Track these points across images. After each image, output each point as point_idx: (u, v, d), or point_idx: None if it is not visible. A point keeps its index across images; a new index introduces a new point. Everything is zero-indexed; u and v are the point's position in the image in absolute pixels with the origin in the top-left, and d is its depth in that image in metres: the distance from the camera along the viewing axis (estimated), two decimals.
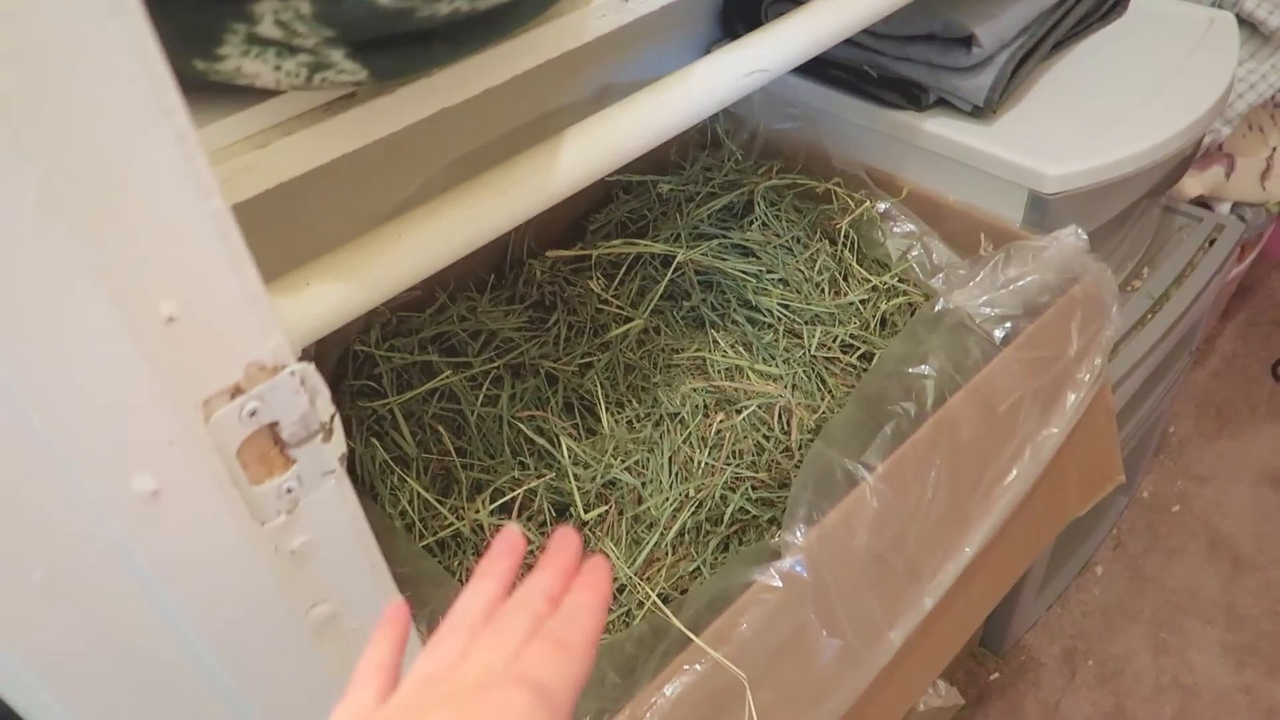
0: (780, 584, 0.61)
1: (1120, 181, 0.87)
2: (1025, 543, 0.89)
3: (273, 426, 0.32)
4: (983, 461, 0.76)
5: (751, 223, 0.90)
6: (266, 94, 0.45)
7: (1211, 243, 1.15)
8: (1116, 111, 0.91)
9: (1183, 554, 1.45)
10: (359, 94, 0.47)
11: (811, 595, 0.63)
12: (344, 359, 0.84)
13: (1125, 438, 1.24)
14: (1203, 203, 1.28)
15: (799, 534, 0.63)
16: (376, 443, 0.73)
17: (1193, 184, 1.22)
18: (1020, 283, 0.79)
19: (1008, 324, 0.78)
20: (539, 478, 0.71)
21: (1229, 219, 1.20)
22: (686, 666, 0.58)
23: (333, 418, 0.34)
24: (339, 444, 0.34)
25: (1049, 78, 0.96)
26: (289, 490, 0.33)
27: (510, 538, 0.40)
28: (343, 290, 0.47)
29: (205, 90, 0.43)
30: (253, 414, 0.31)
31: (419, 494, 0.71)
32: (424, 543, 0.69)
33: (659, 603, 0.63)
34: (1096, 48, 0.99)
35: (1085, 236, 0.80)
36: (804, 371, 0.83)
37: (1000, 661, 1.35)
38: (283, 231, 0.59)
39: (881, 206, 0.90)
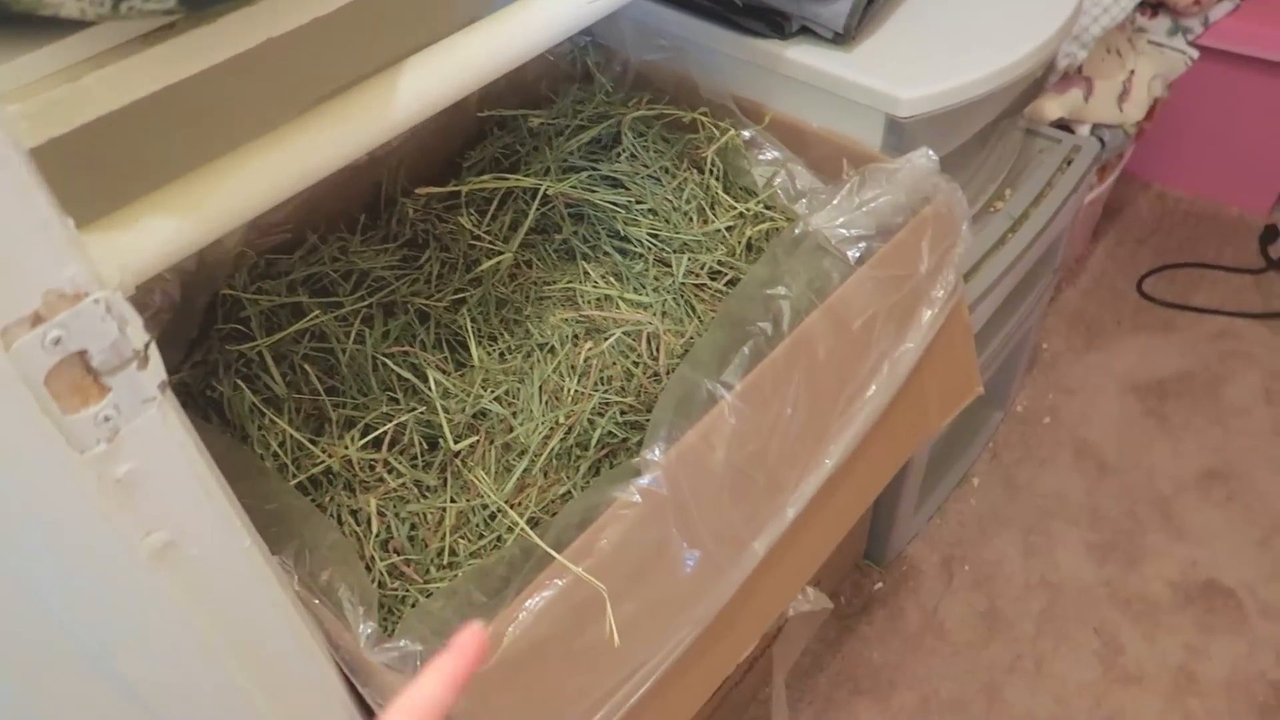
0: (639, 500, 0.64)
1: (972, 104, 0.91)
2: (889, 454, 0.94)
3: (82, 355, 0.33)
4: (840, 377, 0.80)
5: (620, 154, 0.92)
6: (83, 27, 0.44)
7: (1069, 163, 1.21)
8: (968, 37, 0.94)
9: (1052, 463, 1.54)
10: (178, 25, 0.46)
11: (671, 509, 0.66)
12: (213, 304, 0.84)
13: (995, 353, 1.30)
14: (1063, 125, 1.34)
15: (658, 452, 0.66)
16: (244, 385, 0.73)
17: (1053, 107, 1.27)
18: (874, 204, 0.82)
19: (862, 244, 0.81)
20: (410, 412, 0.72)
21: (1087, 140, 1.25)
22: (549, 582, 0.60)
23: (147, 345, 0.34)
24: (157, 371, 0.35)
25: (907, 4, 0.98)
26: (106, 418, 0.34)
27: (470, 636, 0.38)
28: (174, 225, 0.46)
29: (15, 23, 0.42)
30: (57, 342, 0.31)
31: (290, 434, 0.72)
32: (295, 481, 0.70)
33: (523, 525, 0.65)
34: None
35: (936, 158, 0.83)
36: (673, 299, 0.85)
37: (883, 572, 1.42)
38: (140, 171, 0.58)
39: (746, 134, 0.92)
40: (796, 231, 0.82)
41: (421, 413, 0.72)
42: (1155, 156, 1.93)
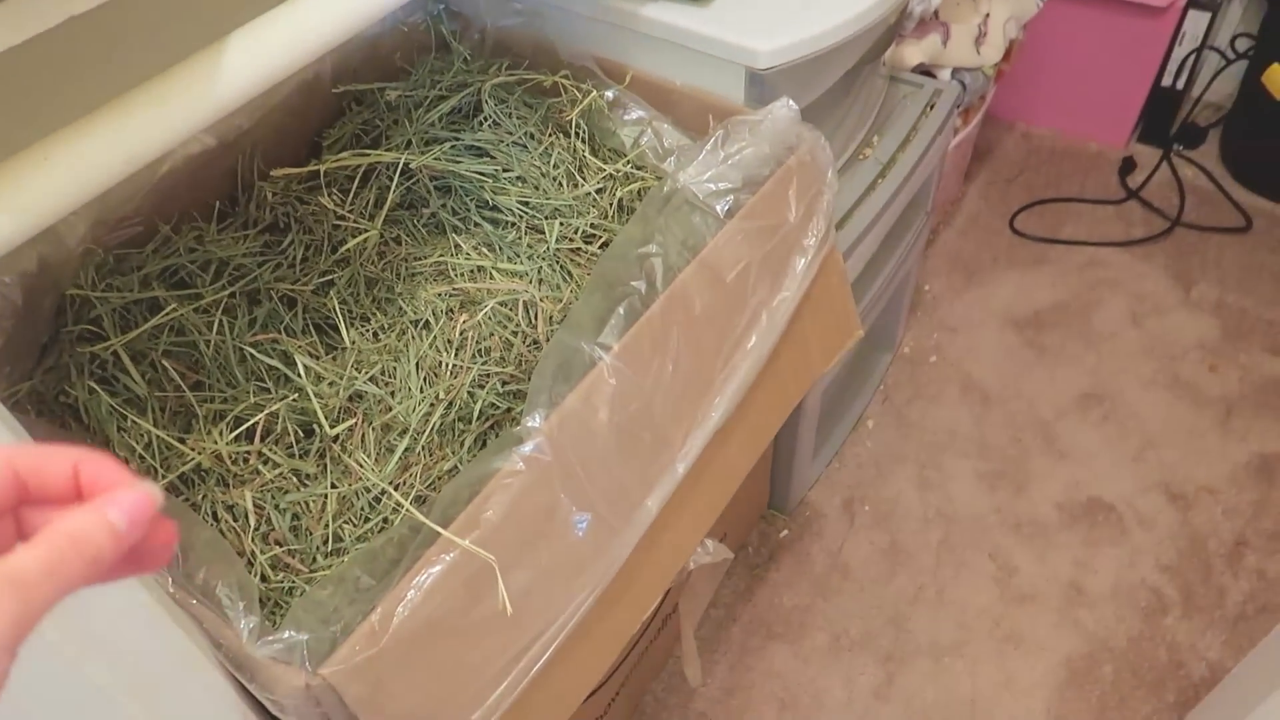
0: (523, 468, 0.63)
1: (829, 52, 0.92)
2: (776, 402, 0.95)
3: None
4: (719, 330, 0.81)
5: (482, 123, 0.90)
6: None
7: (931, 107, 1.24)
8: None
9: (940, 399, 1.59)
10: None
11: (557, 475, 0.66)
12: (61, 305, 0.79)
13: (876, 296, 1.33)
14: (924, 71, 1.37)
15: (539, 419, 0.65)
16: (99, 388, 0.70)
17: (913, 52, 1.30)
18: (739, 157, 0.83)
19: (730, 197, 0.82)
20: (281, 400, 0.70)
21: (948, 84, 1.28)
22: (437, 558, 0.59)
23: None
24: None
25: None
26: None
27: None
28: None
29: None
30: None
31: (155, 434, 0.69)
32: (165, 482, 0.67)
33: (406, 505, 0.64)
34: None
35: (796, 108, 0.84)
36: (548, 265, 0.84)
37: (788, 520, 1.45)
38: None
39: (609, 95, 0.91)
40: (665, 189, 0.82)
41: (294, 400, 0.70)
42: (1017, 97, 2.00)
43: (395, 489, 0.68)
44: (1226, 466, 1.46)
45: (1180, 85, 1.84)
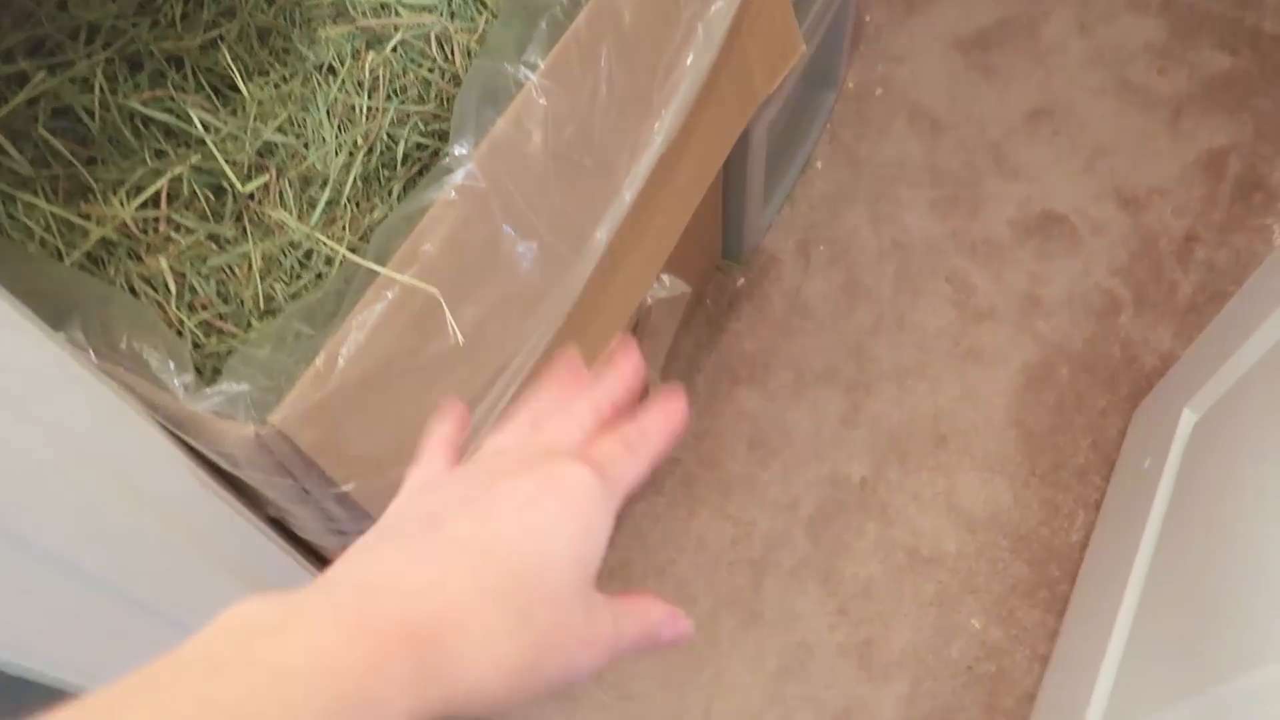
0: (456, 197, 0.59)
1: None
2: (720, 126, 0.91)
3: None
4: (654, 46, 0.75)
5: None
6: None
7: None
8: None
9: (889, 132, 1.54)
10: None
11: (495, 202, 0.61)
12: None
13: (814, 25, 1.25)
14: None
15: (466, 146, 0.60)
16: None
17: None
18: None
19: None
20: (183, 162, 0.64)
21: None
22: (377, 296, 0.56)
23: None
24: None
25: None
26: None
27: (569, 359, 0.39)
28: None
29: None
30: None
31: (52, 214, 0.63)
32: (72, 261, 0.62)
33: (338, 248, 0.60)
34: None
35: None
36: None
37: (744, 269, 1.43)
38: None
39: None
40: None
41: (198, 161, 0.64)
42: None
43: (324, 246, 0.64)
44: (1176, 166, 1.45)
45: None
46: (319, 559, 0.74)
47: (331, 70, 0.71)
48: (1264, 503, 0.72)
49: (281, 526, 0.67)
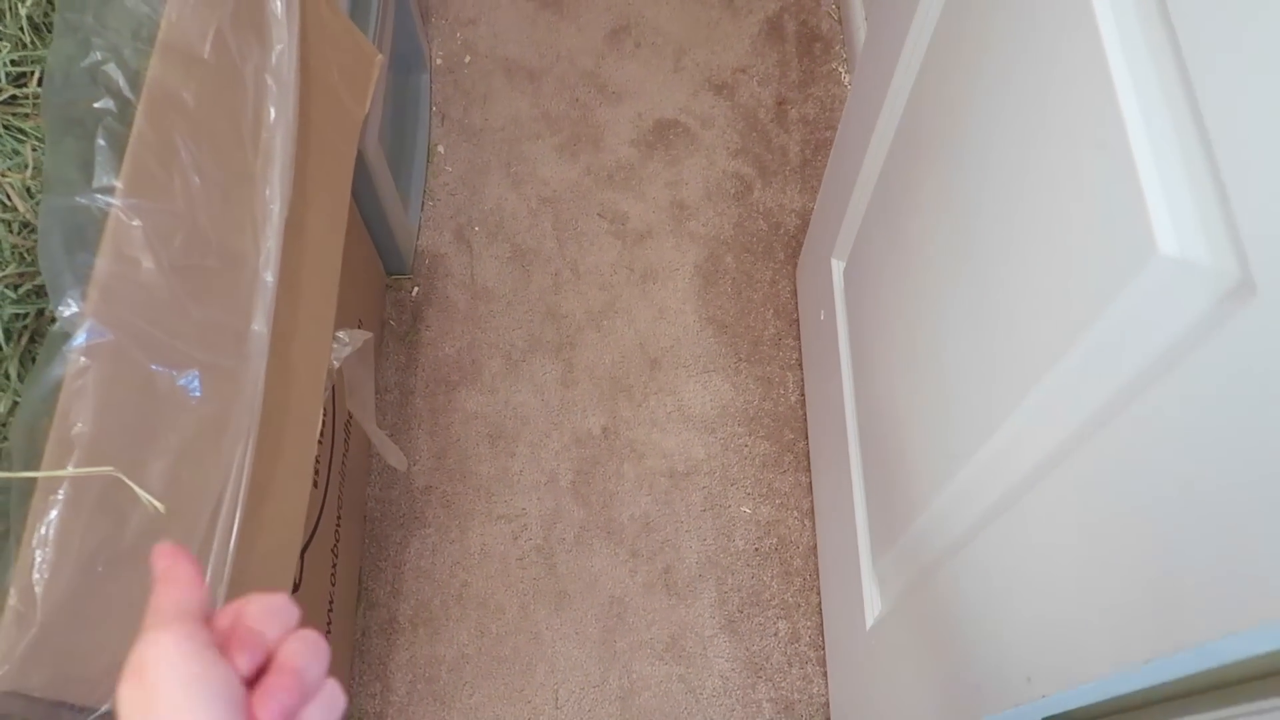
0: (87, 361, 0.53)
1: None
2: (332, 164, 0.87)
3: None
4: (230, 115, 0.70)
5: None
6: None
7: None
8: None
9: (492, 96, 1.55)
10: None
11: (132, 348, 0.56)
12: None
13: (381, 15, 1.23)
14: None
15: (74, 303, 0.54)
16: None
17: None
18: None
19: None
20: None
21: None
22: (47, 503, 0.50)
23: None
24: None
25: None
26: None
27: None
28: None
29: None
30: None
31: None
32: None
33: None
34: None
35: None
36: None
37: (413, 277, 1.41)
38: None
39: None
40: None
41: None
42: None
43: None
44: (745, 42, 1.58)
45: None
46: None
47: None
48: (910, 333, 0.82)
49: None
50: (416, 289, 1.40)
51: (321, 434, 0.99)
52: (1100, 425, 0.49)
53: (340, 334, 0.83)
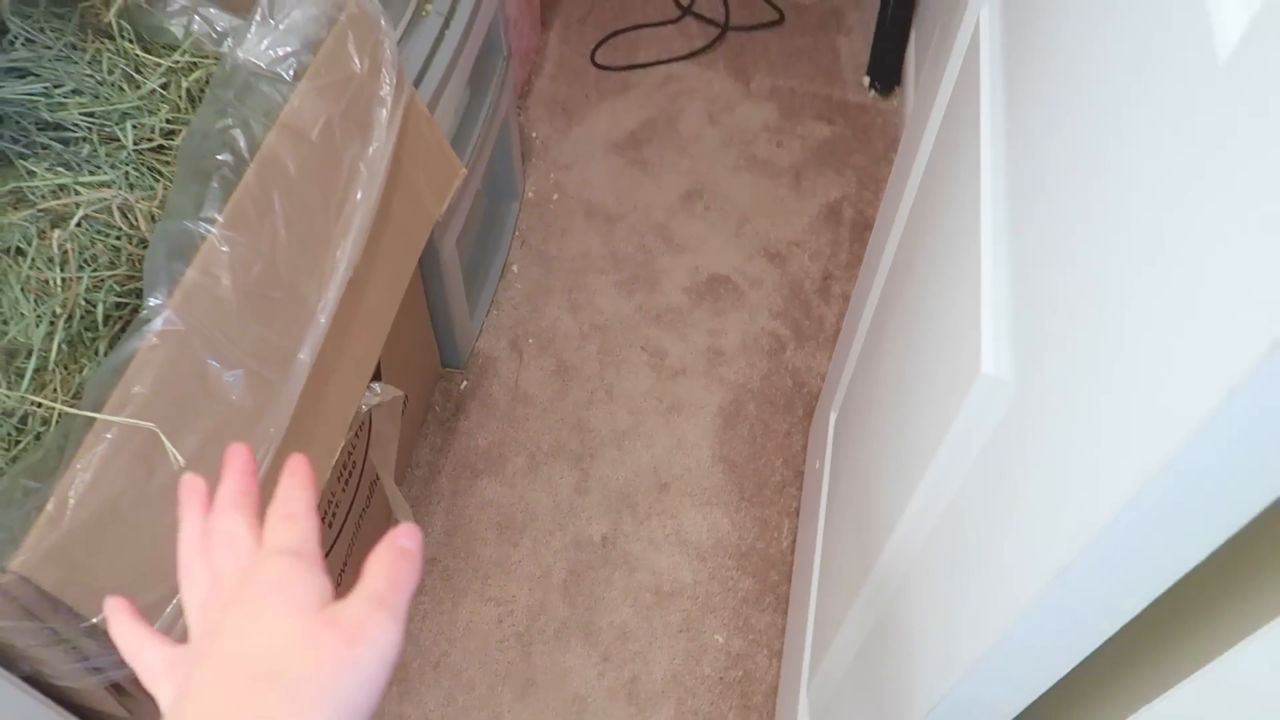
0: (158, 341, 0.67)
1: None
2: (403, 245, 1.03)
3: None
4: (320, 187, 0.86)
5: (13, 42, 0.86)
6: None
7: None
8: None
9: (570, 230, 1.74)
10: None
11: (196, 341, 0.70)
12: None
13: (480, 143, 1.42)
14: None
15: (161, 296, 0.69)
16: None
17: None
18: (289, 21, 0.87)
19: (293, 61, 0.86)
20: None
21: None
22: (98, 439, 0.62)
23: None
24: None
25: None
26: None
27: (191, 483, 0.43)
28: None
29: None
30: None
31: None
32: None
33: (48, 402, 0.66)
34: None
35: None
36: (133, 169, 0.84)
37: (465, 372, 1.55)
38: None
39: None
40: (228, 68, 0.85)
41: None
42: None
43: (38, 407, 0.69)
44: (805, 220, 1.74)
45: None
46: (81, 713, 0.76)
47: (19, 251, 0.77)
48: (870, 485, 0.91)
49: (37, 683, 0.70)
50: (465, 383, 1.54)
51: (346, 481, 1.12)
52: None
53: (374, 385, 0.96)
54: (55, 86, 0.86)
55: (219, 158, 0.78)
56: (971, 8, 0.70)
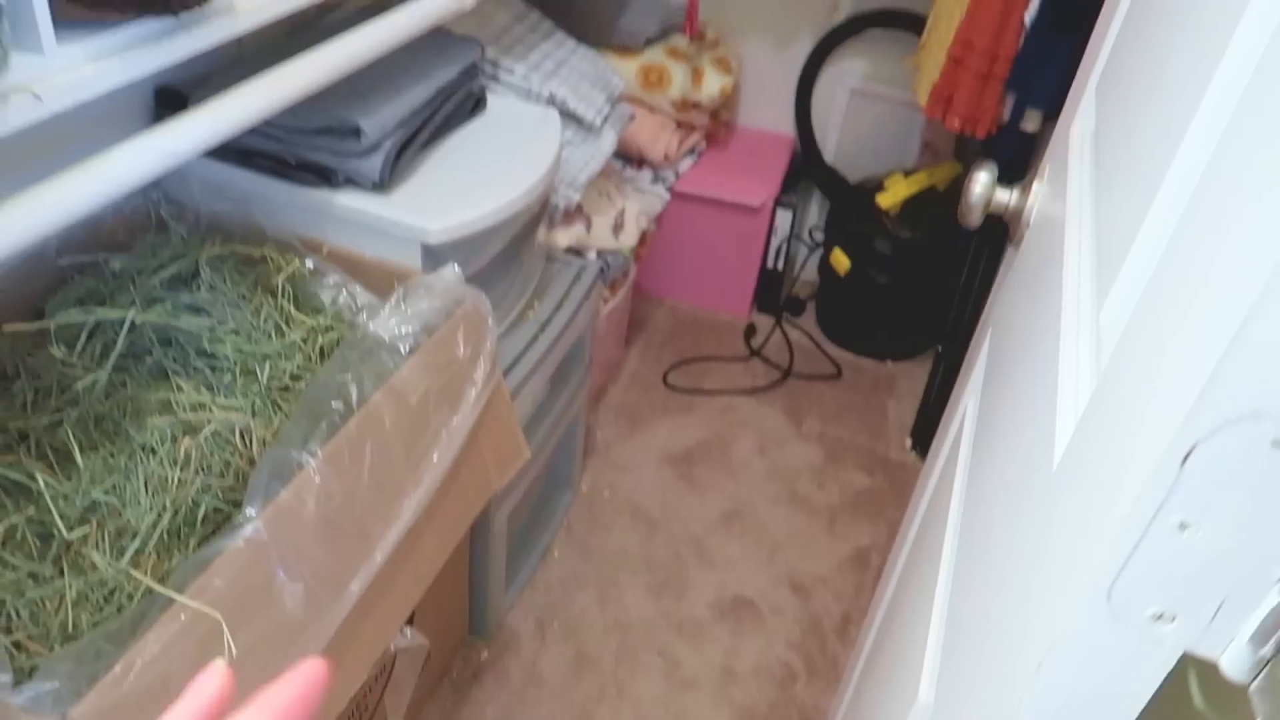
0: (243, 545, 0.79)
1: (485, 231, 1.19)
2: (459, 508, 1.15)
3: None
4: (406, 443, 1.01)
5: (199, 286, 1.07)
6: None
7: (578, 279, 1.55)
8: (476, 181, 1.23)
9: (614, 527, 1.85)
10: None
11: (274, 552, 0.81)
12: None
13: (548, 435, 1.58)
14: (575, 251, 1.70)
15: (255, 509, 0.82)
16: None
17: (562, 237, 1.62)
18: (418, 309, 1.06)
19: (411, 339, 1.04)
20: (19, 512, 0.80)
21: (591, 262, 1.61)
22: (171, 619, 0.73)
23: None
24: None
25: (432, 158, 1.26)
26: None
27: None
28: None
29: None
30: None
31: None
32: None
33: (140, 575, 0.76)
34: (465, 135, 1.33)
35: (460, 272, 1.09)
36: (260, 400, 1.01)
37: (488, 643, 1.61)
38: None
39: (310, 264, 1.12)
40: (359, 335, 1.03)
41: (33, 514, 0.81)
42: (662, 277, 2.42)
43: (128, 582, 0.80)
44: (834, 560, 1.82)
45: (780, 267, 2.34)
46: None
47: (152, 449, 0.91)
48: None
49: None
50: (486, 654, 1.59)
51: (356, 719, 1.17)
52: None
53: (406, 629, 1.05)
54: (220, 324, 1.05)
55: (332, 404, 0.93)
56: (966, 399, 0.84)
